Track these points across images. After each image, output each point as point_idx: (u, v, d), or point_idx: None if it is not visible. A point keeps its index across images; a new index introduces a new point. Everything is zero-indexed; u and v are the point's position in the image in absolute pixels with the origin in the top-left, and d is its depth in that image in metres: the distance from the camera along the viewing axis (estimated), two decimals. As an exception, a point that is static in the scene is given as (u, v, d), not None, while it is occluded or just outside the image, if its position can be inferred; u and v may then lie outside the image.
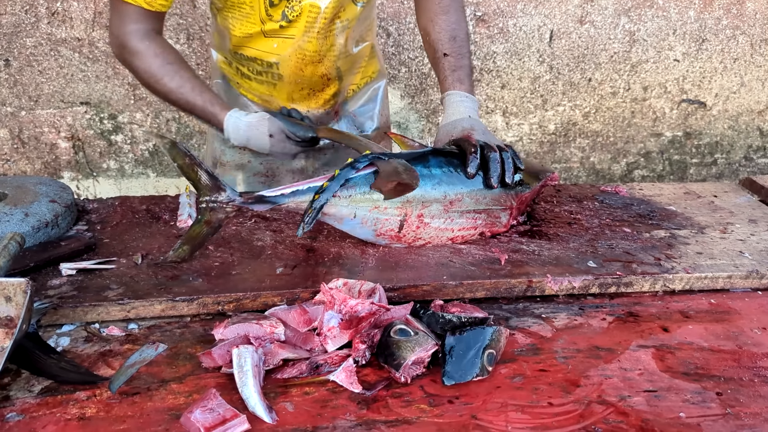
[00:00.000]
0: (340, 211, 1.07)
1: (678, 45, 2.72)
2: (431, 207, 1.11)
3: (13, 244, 0.94)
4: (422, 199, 1.09)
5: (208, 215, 1.05)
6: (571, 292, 1.07)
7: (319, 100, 1.47)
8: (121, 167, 2.59)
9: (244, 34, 1.32)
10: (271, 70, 1.39)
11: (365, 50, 1.48)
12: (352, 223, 1.09)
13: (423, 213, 1.11)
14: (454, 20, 1.36)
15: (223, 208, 1.05)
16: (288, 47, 1.33)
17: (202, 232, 1.06)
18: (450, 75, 1.32)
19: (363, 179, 1.08)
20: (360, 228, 1.10)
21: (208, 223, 1.06)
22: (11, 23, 2.30)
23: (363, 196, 1.07)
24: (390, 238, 1.12)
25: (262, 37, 1.32)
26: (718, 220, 1.32)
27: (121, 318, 0.95)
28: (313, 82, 1.41)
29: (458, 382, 0.83)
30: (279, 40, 1.32)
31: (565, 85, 2.72)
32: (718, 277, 1.10)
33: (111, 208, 1.27)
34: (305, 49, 1.34)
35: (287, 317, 0.92)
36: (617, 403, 0.82)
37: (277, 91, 1.43)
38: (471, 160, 1.12)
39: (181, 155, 1.03)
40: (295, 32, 1.31)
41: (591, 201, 1.40)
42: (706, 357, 0.93)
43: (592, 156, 2.88)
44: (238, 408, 0.76)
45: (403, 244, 1.14)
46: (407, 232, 1.12)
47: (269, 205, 1.06)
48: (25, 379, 0.82)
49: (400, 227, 1.11)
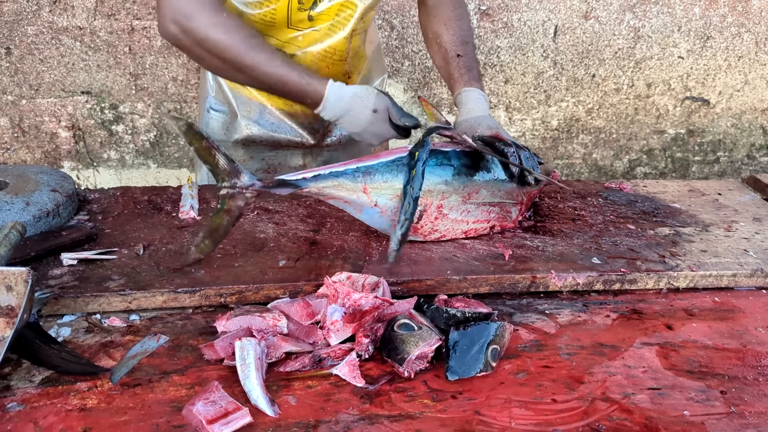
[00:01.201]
0: (360, 198, 1.04)
1: (683, 42, 2.70)
2: (450, 198, 1.10)
3: (14, 233, 0.93)
4: (443, 189, 1.08)
5: (227, 203, 0.99)
6: (575, 288, 1.06)
7: None
8: (122, 157, 2.58)
9: (266, 22, 1.26)
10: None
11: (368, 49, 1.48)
12: (371, 212, 1.07)
13: (442, 204, 1.09)
14: (467, 27, 1.42)
15: (243, 194, 0.98)
16: (311, 41, 1.31)
17: (223, 222, 1.00)
18: (466, 73, 1.34)
19: (384, 167, 1.05)
20: (378, 217, 1.07)
21: (228, 211, 0.99)
22: (12, 11, 2.28)
23: (385, 184, 1.05)
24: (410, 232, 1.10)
25: (285, 27, 1.28)
26: (722, 218, 1.32)
27: (122, 309, 0.94)
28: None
29: (462, 377, 0.83)
30: (303, 32, 1.30)
31: (568, 81, 2.71)
32: (722, 276, 1.10)
33: (112, 199, 1.26)
34: (334, 47, 1.32)
35: (290, 310, 0.92)
36: (621, 400, 0.82)
37: None
38: (513, 158, 1.15)
39: (197, 138, 0.96)
40: (321, 25, 1.29)
41: (595, 197, 1.39)
42: (710, 355, 0.93)
43: (595, 152, 2.87)
44: (241, 401, 0.76)
45: (418, 236, 1.12)
46: (425, 223, 1.10)
47: (291, 188, 1.00)
48: (25, 369, 0.82)
49: (420, 218, 1.09)
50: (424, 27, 1.46)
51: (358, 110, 1.20)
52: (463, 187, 1.10)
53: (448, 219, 1.11)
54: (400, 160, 1.06)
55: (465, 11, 1.45)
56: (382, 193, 1.05)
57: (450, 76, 1.37)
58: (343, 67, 1.38)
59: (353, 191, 1.04)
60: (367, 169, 1.04)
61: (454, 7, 1.42)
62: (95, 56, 2.38)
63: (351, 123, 1.22)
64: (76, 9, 2.30)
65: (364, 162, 1.05)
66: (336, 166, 1.04)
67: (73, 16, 2.31)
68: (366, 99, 1.19)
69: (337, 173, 1.02)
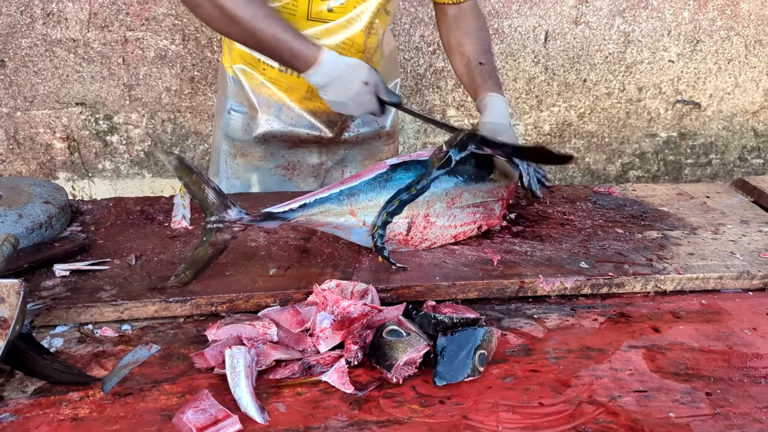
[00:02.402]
0: (348, 221, 1.07)
1: (673, 46, 2.73)
2: (435, 206, 1.11)
3: (7, 246, 0.94)
4: (427, 198, 1.10)
5: (213, 236, 1.01)
6: (563, 292, 1.07)
7: None
8: (117, 168, 2.59)
9: (287, 12, 1.28)
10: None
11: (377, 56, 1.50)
12: (360, 232, 1.09)
13: (429, 213, 1.11)
14: (486, 37, 1.49)
15: (229, 228, 1.01)
16: (330, 33, 1.33)
17: (207, 254, 1.01)
18: (488, 79, 1.41)
19: (367, 185, 1.08)
20: (369, 236, 1.10)
21: (214, 244, 1.01)
22: (6, 24, 2.29)
23: (369, 203, 1.07)
24: (398, 243, 1.12)
25: (305, 20, 1.31)
26: (710, 220, 1.33)
27: (114, 319, 0.95)
28: None
29: (450, 382, 0.84)
30: (323, 27, 1.32)
31: (560, 86, 2.73)
32: (709, 278, 1.11)
33: (105, 209, 1.27)
34: (352, 39, 1.35)
35: (280, 318, 0.93)
36: (607, 403, 0.83)
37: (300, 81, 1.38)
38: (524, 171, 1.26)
39: (188, 172, 0.98)
40: (340, 19, 1.32)
41: (584, 202, 1.40)
42: (697, 357, 0.94)
43: (587, 156, 2.89)
44: (231, 408, 0.77)
45: (409, 247, 1.14)
46: (414, 234, 1.12)
47: (279, 221, 1.03)
48: (18, 380, 0.82)
49: (408, 229, 1.11)
50: (445, 36, 1.51)
51: (350, 79, 1.22)
52: (445, 194, 1.12)
53: (436, 226, 1.13)
54: (381, 176, 1.09)
55: (484, 22, 1.51)
56: (369, 212, 1.07)
57: (473, 81, 1.42)
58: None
59: (340, 215, 1.06)
60: (350, 191, 1.06)
61: (475, 18, 1.48)
62: (89, 68, 2.39)
63: (339, 91, 1.23)
64: (70, 21, 2.32)
65: (347, 184, 1.07)
66: (319, 192, 1.06)
67: (67, 28, 2.33)
68: (359, 70, 1.23)
69: (322, 199, 1.05)
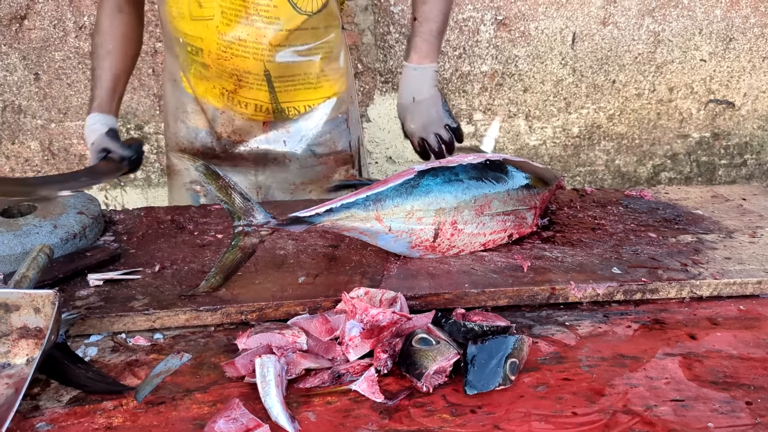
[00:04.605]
0: (374, 226, 1.07)
1: (704, 45, 2.67)
2: (464, 213, 1.10)
3: (42, 256, 0.96)
4: (455, 205, 1.09)
5: (242, 240, 1.02)
6: (595, 299, 1.05)
7: (248, 106, 1.44)
8: (148, 177, 2.64)
9: (179, 17, 1.35)
10: (197, 57, 1.39)
11: (317, 66, 1.43)
12: (386, 238, 1.09)
13: (456, 219, 1.10)
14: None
15: (257, 232, 1.02)
16: (208, 30, 1.33)
17: (236, 258, 1.02)
18: (408, 44, 1.35)
19: (394, 191, 1.07)
20: (394, 242, 1.09)
21: (242, 249, 1.02)
22: (40, 38, 2.36)
23: (396, 208, 1.07)
24: (425, 249, 1.12)
25: (189, 19, 1.34)
26: (746, 224, 1.30)
27: (146, 328, 0.96)
28: (234, 78, 1.39)
29: (480, 391, 0.83)
30: (202, 23, 1.33)
31: (588, 88, 2.70)
32: (747, 283, 1.08)
33: (137, 219, 1.29)
34: (224, 32, 1.33)
35: (309, 326, 0.93)
36: (643, 412, 0.81)
37: (211, 86, 1.42)
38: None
39: (214, 178, 1.00)
40: (212, 12, 1.31)
41: (615, 206, 1.38)
42: (735, 365, 0.91)
43: (618, 159, 2.85)
44: (261, 418, 0.77)
45: (436, 254, 1.13)
46: (442, 240, 1.11)
47: (305, 225, 1.04)
48: (54, 389, 0.84)
49: (435, 236, 1.10)
50: None
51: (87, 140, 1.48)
52: (474, 200, 1.11)
53: (464, 234, 1.12)
54: (408, 182, 1.08)
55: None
56: (395, 217, 1.07)
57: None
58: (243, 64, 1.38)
59: (366, 220, 1.06)
60: (376, 196, 1.06)
61: None
62: (120, 79, 2.44)
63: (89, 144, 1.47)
64: (101, 34, 2.37)
65: (374, 190, 1.07)
66: (346, 197, 1.06)
67: (99, 40, 2.38)
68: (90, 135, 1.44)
69: (348, 204, 1.05)
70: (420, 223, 1.08)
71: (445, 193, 1.08)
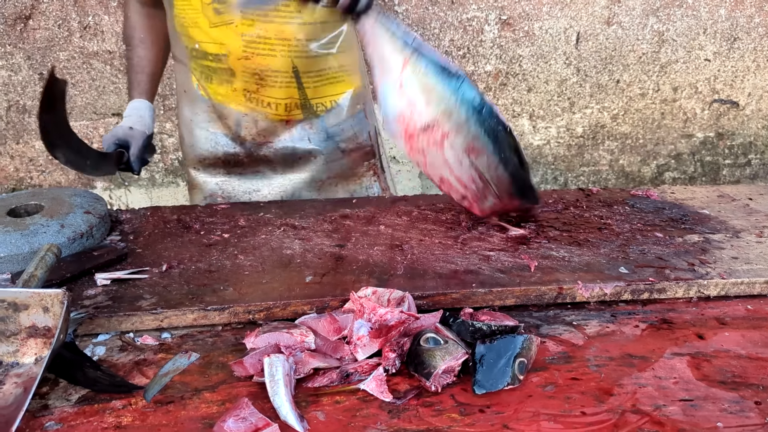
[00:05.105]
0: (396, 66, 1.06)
1: (709, 44, 2.67)
2: (459, 139, 1.09)
3: (50, 256, 0.96)
4: (462, 125, 1.08)
5: None
6: (602, 298, 1.05)
7: (278, 107, 1.44)
8: (152, 176, 2.64)
9: (194, 27, 1.37)
10: (221, 64, 1.39)
11: (335, 59, 1.44)
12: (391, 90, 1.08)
13: (449, 136, 1.08)
14: None
15: None
16: (231, 34, 1.34)
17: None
18: None
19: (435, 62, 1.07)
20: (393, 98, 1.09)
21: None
22: (45, 38, 2.36)
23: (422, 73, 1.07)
24: (405, 132, 1.09)
25: (208, 27, 1.34)
26: (753, 223, 1.29)
27: (154, 327, 0.96)
28: (263, 78, 1.39)
29: (489, 391, 0.83)
30: (222, 28, 1.33)
31: (592, 87, 2.69)
32: (755, 283, 1.08)
33: (143, 219, 1.30)
34: (247, 33, 1.33)
35: (317, 326, 0.93)
36: (652, 412, 0.81)
37: (233, 91, 1.43)
38: None
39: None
40: (232, 16, 1.32)
41: (621, 205, 1.38)
42: (744, 365, 0.91)
43: (622, 158, 2.84)
44: (270, 417, 0.77)
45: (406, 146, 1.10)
46: (426, 137, 1.08)
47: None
48: (62, 388, 0.84)
49: (425, 128, 1.08)
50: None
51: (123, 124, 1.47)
52: (476, 139, 1.08)
53: (442, 152, 1.09)
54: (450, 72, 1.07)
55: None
56: (415, 79, 1.07)
57: None
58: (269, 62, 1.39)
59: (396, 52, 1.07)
60: (420, 48, 1.07)
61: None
62: (124, 79, 2.44)
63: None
64: (106, 34, 2.37)
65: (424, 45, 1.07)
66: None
67: (103, 40, 2.38)
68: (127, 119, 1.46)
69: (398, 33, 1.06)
70: (427, 106, 1.07)
71: (467, 110, 1.06)
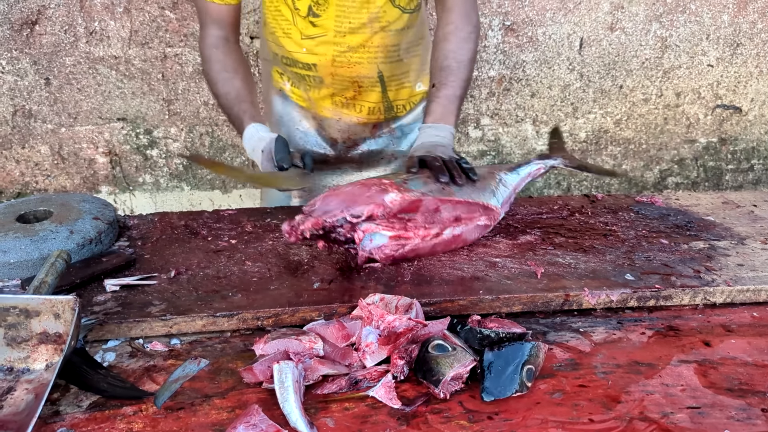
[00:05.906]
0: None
1: (711, 50, 2.68)
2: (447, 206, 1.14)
3: (60, 262, 0.97)
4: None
5: None
6: (608, 305, 1.06)
7: (362, 110, 1.50)
8: (157, 181, 2.65)
9: (285, 38, 1.41)
10: (310, 72, 1.44)
11: (415, 63, 1.50)
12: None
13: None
14: (451, 48, 1.38)
15: None
16: (322, 46, 1.39)
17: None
18: (426, 108, 1.39)
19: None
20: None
21: None
22: (51, 43, 2.37)
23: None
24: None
25: (300, 38, 1.39)
26: (758, 230, 1.30)
27: (164, 333, 0.97)
28: (352, 84, 1.45)
29: (497, 398, 0.83)
30: (314, 40, 1.38)
31: (595, 93, 2.70)
32: (760, 290, 1.08)
33: (150, 224, 1.30)
34: (339, 43, 1.38)
35: (326, 332, 0.93)
36: (660, 419, 0.81)
37: (321, 97, 1.48)
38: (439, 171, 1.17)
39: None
40: (326, 29, 1.36)
41: (626, 212, 1.38)
42: (750, 372, 0.91)
43: (625, 164, 2.85)
44: (280, 424, 0.77)
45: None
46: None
47: None
48: (73, 395, 0.85)
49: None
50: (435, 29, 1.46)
51: (254, 149, 1.38)
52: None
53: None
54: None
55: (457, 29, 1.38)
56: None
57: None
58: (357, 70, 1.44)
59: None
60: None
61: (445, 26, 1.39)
62: (130, 84, 2.46)
63: (252, 156, 1.41)
64: (112, 39, 2.39)
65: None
66: None
67: (109, 45, 2.40)
68: (260, 143, 1.36)
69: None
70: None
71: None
